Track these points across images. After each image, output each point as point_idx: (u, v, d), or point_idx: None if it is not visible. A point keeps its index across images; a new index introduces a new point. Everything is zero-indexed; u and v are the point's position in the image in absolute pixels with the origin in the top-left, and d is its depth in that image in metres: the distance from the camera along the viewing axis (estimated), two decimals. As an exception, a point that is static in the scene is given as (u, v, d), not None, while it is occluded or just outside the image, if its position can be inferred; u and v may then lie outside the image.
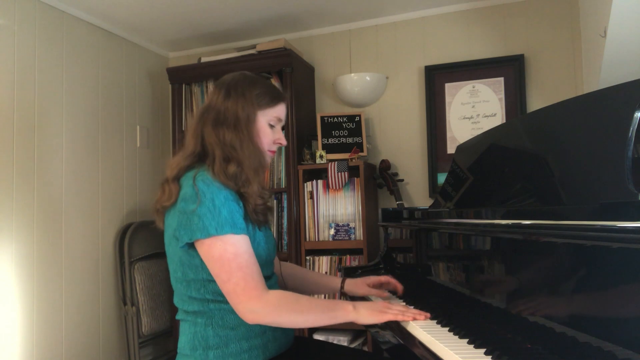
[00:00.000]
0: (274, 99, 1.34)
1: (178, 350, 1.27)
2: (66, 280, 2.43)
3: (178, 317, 1.29)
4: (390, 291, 1.57)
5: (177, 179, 1.25)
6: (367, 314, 1.19)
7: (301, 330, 2.41)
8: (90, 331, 2.56)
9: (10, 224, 2.18)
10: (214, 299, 1.20)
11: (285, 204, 2.60)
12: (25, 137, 2.27)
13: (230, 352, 1.19)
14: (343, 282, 1.56)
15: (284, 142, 1.38)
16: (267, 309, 1.13)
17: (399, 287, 1.53)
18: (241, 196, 1.25)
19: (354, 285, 1.55)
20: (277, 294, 1.17)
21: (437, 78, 2.69)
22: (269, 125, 1.33)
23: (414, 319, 1.18)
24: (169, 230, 1.25)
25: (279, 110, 1.35)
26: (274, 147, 1.36)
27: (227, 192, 1.20)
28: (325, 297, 2.50)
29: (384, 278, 1.56)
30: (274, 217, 2.61)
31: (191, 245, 1.18)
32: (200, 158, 1.28)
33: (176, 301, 1.29)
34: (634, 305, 0.74)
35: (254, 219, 1.27)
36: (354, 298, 1.58)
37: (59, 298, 2.39)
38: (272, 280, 1.36)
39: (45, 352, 2.29)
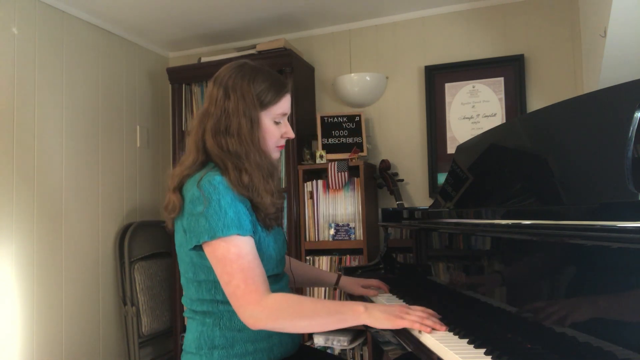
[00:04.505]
0: (277, 93, 1.25)
1: (183, 347, 1.26)
2: (66, 280, 2.43)
3: (186, 314, 1.27)
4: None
5: (180, 188, 1.20)
6: (382, 318, 1.09)
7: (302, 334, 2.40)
8: (90, 331, 2.56)
9: (10, 224, 2.18)
10: (224, 300, 1.17)
11: (285, 204, 2.60)
12: (25, 136, 2.27)
13: (235, 353, 1.18)
14: (338, 278, 1.60)
15: (291, 135, 1.30)
16: (267, 313, 1.08)
17: (384, 287, 1.59)
18: (253, 205, 1.20)
19: (349, 283, 1.59)
20: (278, 297, 1.11)
21: (437, 78, 2.69)
22: (274, 123, 1.26)
23: (432, 330, 1.07)
24: (179, 232, 1.22)
25: (284, 105, 1.27)
26: (282, 142, 1.30)
27: (235, 194, 1.16)
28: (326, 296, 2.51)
29: (375, 283, 1.60)
30: (284, 217, 2.58)
31: (201, 247, 1.15)
32: (204, 165, 1.22)
33: (185, 300, 1.27)
34: (634, 305, 0.74)
35: (266, 224, 1.23)
36: (352, 297, 1.59)
37: (59, 298, 2.39)
38: (284, 280, 1.34)
39: (45, 352, 2.29)
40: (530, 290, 1.00)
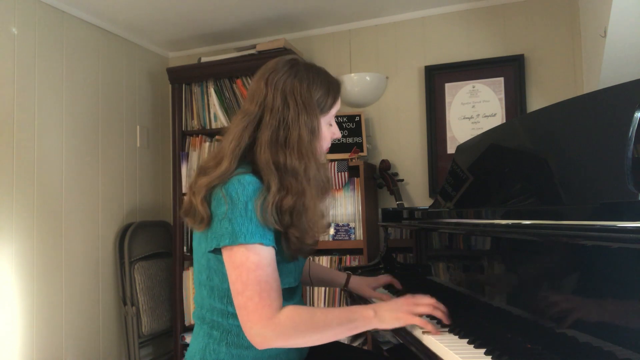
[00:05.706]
0: (335, 97, 1.17)
1: (187, 355, 1.20)
2: (66, 280, 2.43)
3: (194, 317, 1.21)
4: (392, 292, 1.58)
5: (208, 198, 1.09)
6: (391, 318, 1.06)
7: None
8: (90, 331, 2.56)
9: (10, 224, 2.18)
10: (235, 313, 1.08)
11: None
12: (25, 136, 2.27)
13: None
14: (348, 278, 1.55)
15: (339, 134, 1.23)
16: (277, 333, 1.01)
17: (397, 284, 1.55)
18: (284, 235, 1.08)
19: (358, 285, 1.54)
20: (289, 313, 1.03)
21: (437, 78, 2.69)
22: (328, 126, 1.19)
23: (443, 313, 1.09)
24: (198, 231, 1.15)
25: (338, 105, 1.20)
26: (330, 144, 1.23)
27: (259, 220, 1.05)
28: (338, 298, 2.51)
29: (384, 279, 1.58)
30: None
31: (220, 251, 1.07)
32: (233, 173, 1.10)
33: (196, 300, 1.20)
34: (634, 305, 0.74)
35: (293, 257, 1.12)
36: (355, 298, 1.58)
37: (59, 298, 2.39)
38: (297, 293, 1.27)
39: (45, 352, 2.29)
40: (530, 290, 1.00)
